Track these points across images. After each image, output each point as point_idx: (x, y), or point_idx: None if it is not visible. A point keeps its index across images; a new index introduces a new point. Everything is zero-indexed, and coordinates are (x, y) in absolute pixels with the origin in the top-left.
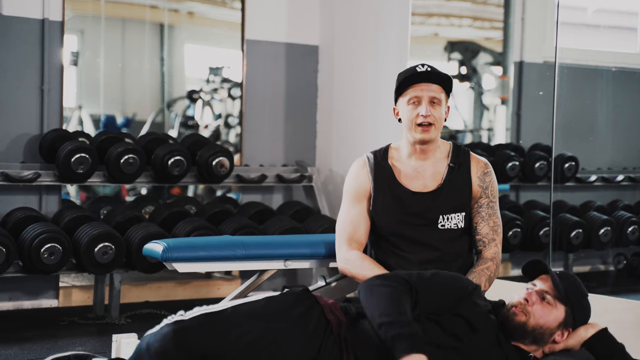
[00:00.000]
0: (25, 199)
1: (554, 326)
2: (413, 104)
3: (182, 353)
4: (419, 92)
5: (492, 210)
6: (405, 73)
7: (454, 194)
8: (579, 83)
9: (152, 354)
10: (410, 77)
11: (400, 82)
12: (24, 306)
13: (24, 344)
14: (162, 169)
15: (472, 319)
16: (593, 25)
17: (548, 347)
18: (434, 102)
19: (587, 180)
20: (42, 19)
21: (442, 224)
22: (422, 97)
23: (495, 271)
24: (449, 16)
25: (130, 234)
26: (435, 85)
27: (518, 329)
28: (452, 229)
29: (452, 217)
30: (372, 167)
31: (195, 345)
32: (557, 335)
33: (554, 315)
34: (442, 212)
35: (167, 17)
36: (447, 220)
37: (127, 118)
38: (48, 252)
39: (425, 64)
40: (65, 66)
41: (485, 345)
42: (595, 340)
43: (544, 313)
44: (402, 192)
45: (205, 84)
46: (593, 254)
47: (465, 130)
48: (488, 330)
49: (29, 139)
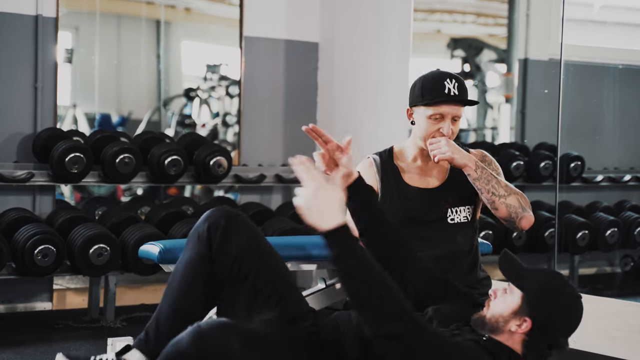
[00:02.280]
0: (19, 200)
1: (507, 313)
2: (435, 119)
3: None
4: (445, 111)
5: (501, 177)
6: (435, 87)
7: (460, 186)
8: (585, 81)
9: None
10: (440, 96)
11: (427, 93)
12: (17, 309)
13: (17, 347)
14: (158, 168)
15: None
16: (599, 21)
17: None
18: (455, 119)
19: (593, 180)
20: (35, 15)
21: (452, 217)
22: (446, 116)
23: (522, 196)
24: (452, 12)
25: (126, 235)
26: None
27: (479, 323)
28: (462, 223)
29: (460, 209)
30: (379, 168)
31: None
32: (515, 324)
33: (507, 302)
34: (450, 205)
35: (163, 13)
36: (456, 213)
37: (122, 117)
38: (42, 254)
39: (453, 77)
40: (59, 63)
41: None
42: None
43: (499, 301)
44: (409, 191)
45: (202, 82)
46: (599, 255)
47: (469, 129)
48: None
49: (22, 138)
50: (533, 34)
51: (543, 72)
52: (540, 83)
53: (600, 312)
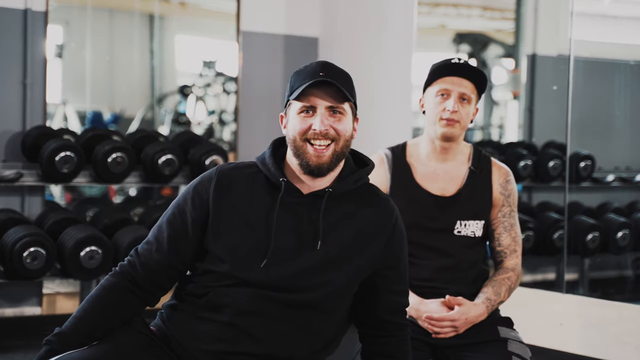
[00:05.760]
0: (7, 200)
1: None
2: (441, 96)
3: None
4: (449, 85)
5: (513, 220)
6: (440, 63)
7: (475, 200)
8: (595, 77)
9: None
10: (443, 68)
11: (432, 71)
12: (5, 314)
13: (5, 354)
14: (152, 168)
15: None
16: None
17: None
18: (464, 99)
19: (603, 180)
20: (24, 9)
21: (459, 230)
22: (451, 91)
23: (515, 282)
24: (458, 6)
25: (119, 238)
26: (468, 81)
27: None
28: (469, 237)
29: (470, 224)
30: (391, 165)
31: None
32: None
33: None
34: (460, 218)
35: (157, 7)
36: (464, 226)
37: (115, 114)
38: (31, 257)
39: (460, 59)
40: (49, 59)
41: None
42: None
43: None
44: (420, 194)
45: (198, 78)
46: (610, 258)
47: (475, 127)
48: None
49: (10, 136)
50: (541, 28)
51: (552, 68)
52: (548, 79)
53: (612, 317)
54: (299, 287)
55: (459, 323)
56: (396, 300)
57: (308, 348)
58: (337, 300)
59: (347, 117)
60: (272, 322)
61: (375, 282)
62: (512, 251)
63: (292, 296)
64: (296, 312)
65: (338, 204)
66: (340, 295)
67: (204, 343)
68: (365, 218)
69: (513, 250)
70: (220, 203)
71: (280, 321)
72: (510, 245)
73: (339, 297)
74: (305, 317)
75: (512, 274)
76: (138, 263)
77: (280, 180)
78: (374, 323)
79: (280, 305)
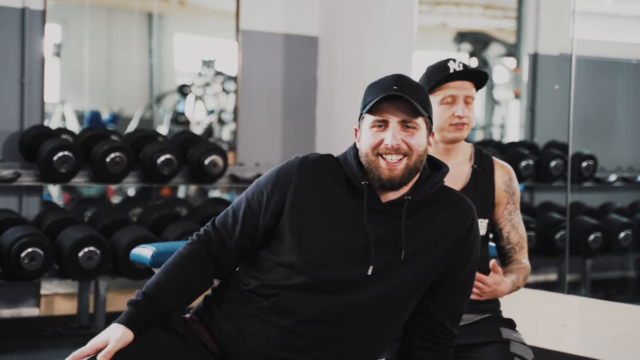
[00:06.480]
0: (4, 201)
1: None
2: (447, 103)
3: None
4: (454, 91)
5: (518, 218)
6: (439, 70)
7: (479, 199)
8: (598, 76)
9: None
10: (445, 77)
11: (434, 81)
12: (3, 315)
13: (3, 355)
14: (150, 168)
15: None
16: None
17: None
18: (468, 101)
19: (606, 180)
20: (22, 7)
21: None
22: (457, 97)
23: (528, 274)
24: (459, 4)
25: (117, 238)
26: (469, 82)
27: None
28: None
29: None
30: None
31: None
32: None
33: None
34: None
35: (156, 5)
36: None
37: (113, 114)
38: (29, 258)
39: (455, 59)
40: (47, 58)
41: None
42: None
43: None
44: None
45: (197, 78)
46: (613, 259)
47: (476, 126)
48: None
49: (8, 136)
50: (543, 27)
51: (554, 67)
52: (550, 79)
53: (613, 319)
54: (374, 294)
55: (488, 289)
56: (454, 301)
57: (371, 355)
58: (408, 306)
59: (421, 132)
60: (338, 329)
61: (439, 280)
62: (520, 248)
63: (364, 301)
64: (363, 319)
65: (416, 210)
66: (410, 300)
67: (261, 345)
68: (441, 221)
69: (521, 247)
70: (301, 193)
71: (347, 328)
72: (519, 243)
73: (410, 302)
74: (372, 325)
75: (527, 264)
76: (214, 234)
77: (362, 183)
78: (425, 322)
79: (347, 312)
